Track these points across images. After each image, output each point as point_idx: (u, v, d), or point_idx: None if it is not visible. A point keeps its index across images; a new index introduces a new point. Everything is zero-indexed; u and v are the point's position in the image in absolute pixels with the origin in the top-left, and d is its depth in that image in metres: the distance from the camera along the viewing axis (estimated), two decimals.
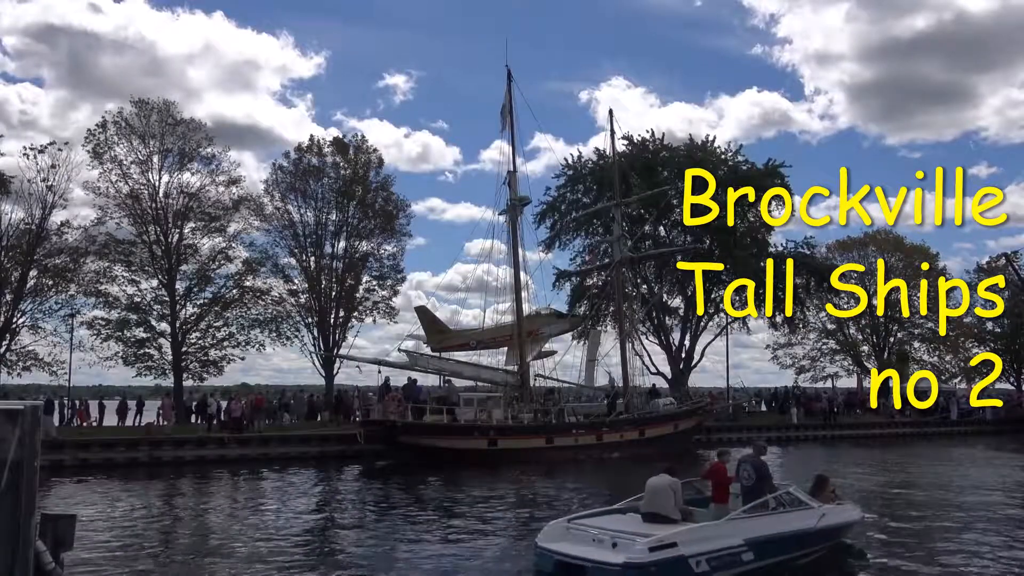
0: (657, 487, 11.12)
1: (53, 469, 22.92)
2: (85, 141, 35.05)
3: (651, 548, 9.83)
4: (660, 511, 10.88)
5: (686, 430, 33.76)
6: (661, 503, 10.95)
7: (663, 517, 10.80)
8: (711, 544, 10.32)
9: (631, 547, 9.86)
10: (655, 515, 10.88)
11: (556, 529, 11.03)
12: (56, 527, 5.51)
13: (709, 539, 10.39)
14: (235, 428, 29.64)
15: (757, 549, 10.66)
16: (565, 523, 11.12)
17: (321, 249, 39.18)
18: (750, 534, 10.72)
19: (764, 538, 10.82)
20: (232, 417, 30.31)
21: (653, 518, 10.85)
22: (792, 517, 11.47)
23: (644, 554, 9.74)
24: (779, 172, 43.76)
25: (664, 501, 10.95)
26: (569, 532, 10.88)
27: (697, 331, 45.14)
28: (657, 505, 10.96)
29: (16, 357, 33.89)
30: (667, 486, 11.10)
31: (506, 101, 31.96)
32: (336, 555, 13.27)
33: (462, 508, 18.20)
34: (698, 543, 10.21)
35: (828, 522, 11.82)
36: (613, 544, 10.10)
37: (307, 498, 20.59)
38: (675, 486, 11.17)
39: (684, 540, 10.15)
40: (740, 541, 10.57)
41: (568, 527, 10.98)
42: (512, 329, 32.85)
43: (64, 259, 34.05)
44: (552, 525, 11.17)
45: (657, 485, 11.15)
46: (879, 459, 30.92)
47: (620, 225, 36.23)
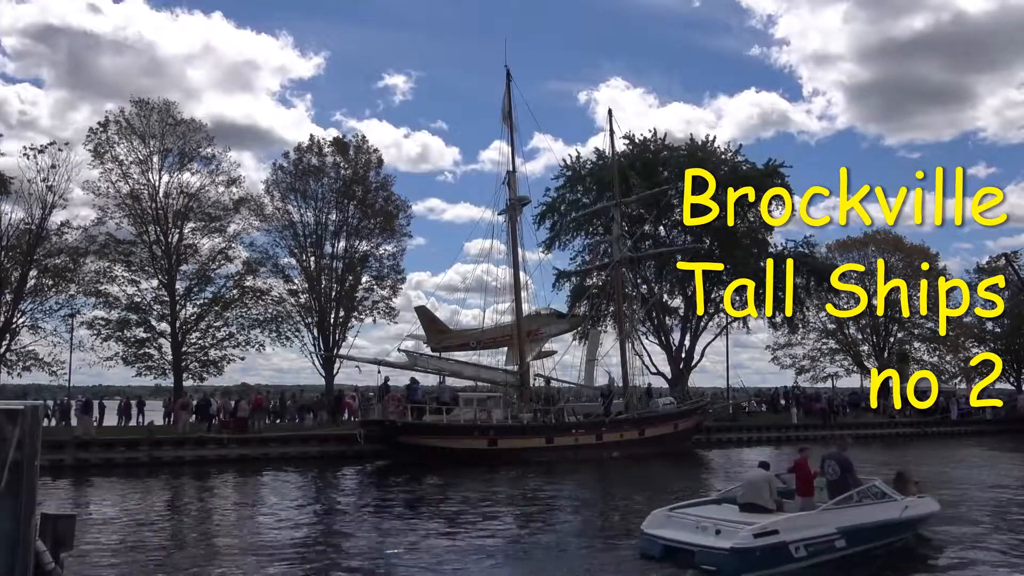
0: (754, 480, 12.13)
1: (53, 469, 22.93)
2: (86, 141, 35.08)
3: (755, 534, 10.73)
4: (757, 502, 11.80)
5: (686, 430, 33.77)
6: (758, 495, 11.88)
7: (760, 507, 11.70)
8: (808, 532, 11.22)
9: (736, 533, 10.75)
10: (752, 505, 11.79)
11: (659, 518, 11.94)
12: (56, 527, 5.50)
13: (806, 527, 11.30)
14: (239, 428, 29.61)
15: (849, 537, 11.56)
16: (667, 512, 12.05)
17: (321, 249, 39.17)
18: (843, 523, 11.64)
19: (855, 527, 11.72)
20: (237, 417, 30.30)
21: (750, 508, 11.77)
22: (879, 508, 12.39)
23: (750, 540, 10.62)
24: (779, 172, 43.74)
25: (761, 493, 11.89)
26: (671, 520, 11.81)
27: (697, 331, 45.13)
28: (754, 496, 11.90)
29: (16, 357, 33.88)
30: (763, 479, 12.08)
31: (505, 101, 32.00)
32: (336, 555, 13.27)
33: (461, 508, 18.20)
34: (797, 530, 11.12)
35: (910, 513, 12.84)
36: (716, 531, 11.02)
37: (307, 498, 20.60)
38: (771, 479, 12.16)
39: (784, 527, 11.06)
40: (834, 529, 11.49)
41: (670, 516, 11.92)
42: (512, 329, 32.85)
43: (64, 259, 34.02)
44: (655, 514, 12.05)
45: (754, 478, 12.17)
46: (881, 460, 30.92)
47: (620, 225, 36.24)
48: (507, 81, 31.94)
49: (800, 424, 41.34)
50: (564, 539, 14.49)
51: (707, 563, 10.65)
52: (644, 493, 19.53)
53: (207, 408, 30.99)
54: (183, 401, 31.84)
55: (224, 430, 29.63)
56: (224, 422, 30.34)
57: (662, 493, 20.72)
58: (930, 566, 12.39)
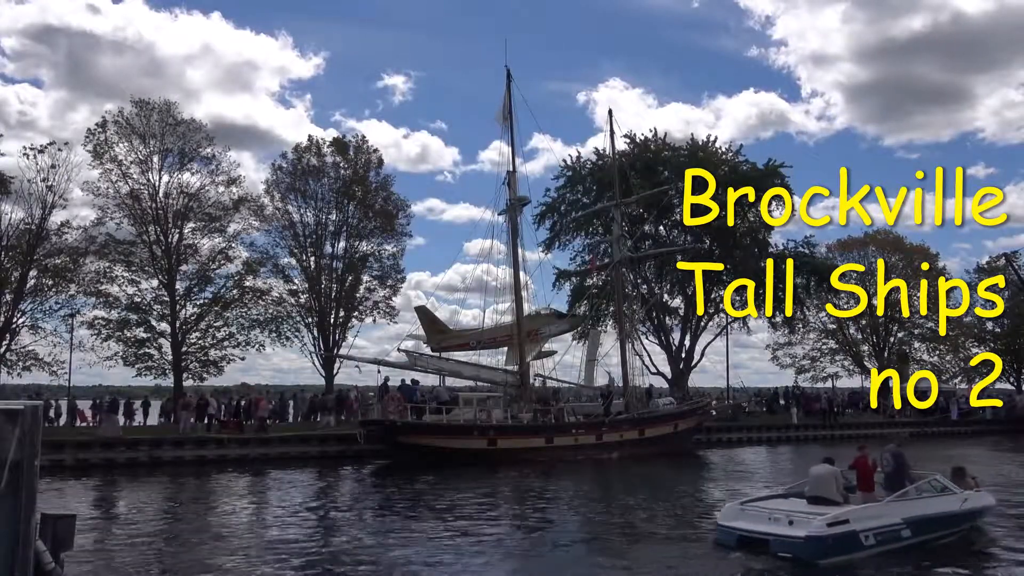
0: (821, 474, 12.79)
1: (53, 469, 22.92)
2: (85, 141, 35.10)
3: (828, 524, 11.54)
4: (824, 495, 12.49)
5: (686, 430, 33.77)
6: (825, 488, 12.58)
7: (827, 500, 12.40)
8: (876, 521, 12.04)
9: (810, 523, 11.59)
10: (820, 498, 12.49)
11: (732, 510, 12.88)
12: (56, 527, 5.50)
13: (874, 517, 12.11)
14: (260, 428, 29.98)
15: (913, 527, 12.37)
16: (739, 505, 13.02)
17: (321, 249, 39.20)
18: (907, 514, 12.44)
19: (919, 518, 12.52)
20: (259, 417, 30.60)
21: (818, 501, 12.46)
22: (941, 501, 13.18)
23: (823, 529, 11.45)
24: (779, 172, 43.77)
25: (828, 486, 12.59)
26: (745, 512, 12.71)
27: (697, 331, 45.15)
28: (821, 489, 12.59)
29: (16, 357, 33.89)
30: (830, 474, 12.77)
31: (505, 101, 31.96)
32: (336, 555, 13.26)
33: (460, 508, 18.19)
34: (866, 520, 11.95)
35: (970, 506, 13.58)
36: (789, 522, 11.89)
37: (307, 498, 20.58)
38: (837, 474, 12.85)
39: (854, 518, 11.92)
40: (899, 520, 12.29)
41: (743, 508, 12.85)
42: (512, 329, 32.84)
43: (64, 259, 34.03)
44: (728, 507, 13.08)
45: (821, 473, 12.82)
46: None
47: (620, 225, 36.23)
48: (507, 81, 31.94)
49: (800, 424, 41.34)
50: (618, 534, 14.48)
51: (783, 551, 11.56)
52: (654, 494, 19.91)
53: (206, 408, 31.04)
54: (184, 401, 31.85)
55: (224, 430, 29.63)
56: (224, 422, 30.35)
57: (664, 493, 20.75)
58: (988, 556, 12.87)
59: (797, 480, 15.17)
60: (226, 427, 29.96)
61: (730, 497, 19.83)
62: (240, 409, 31.07)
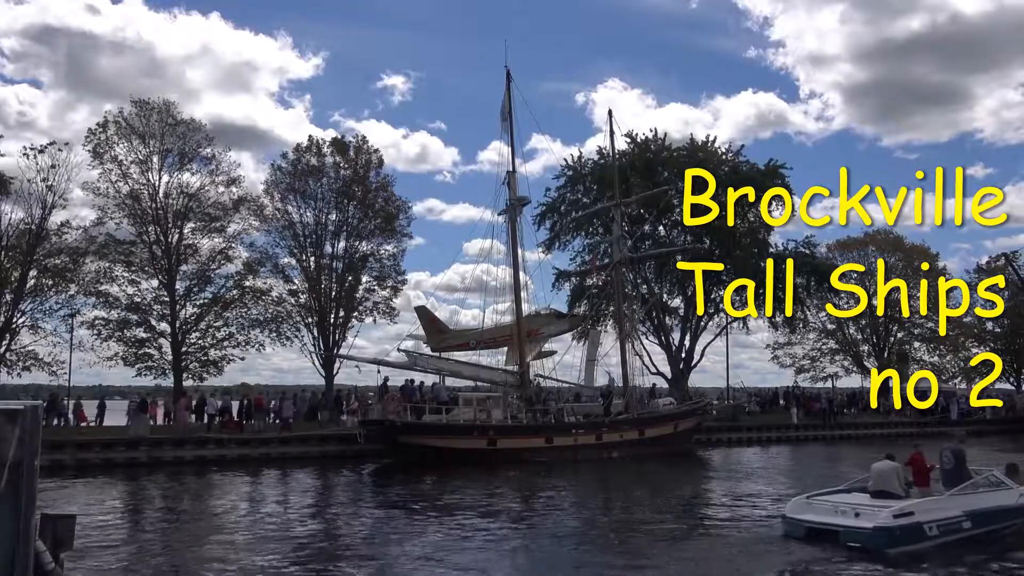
0: (884, 470, 13.58)
1: (53, 469, 22.92)
2: (85, 141, 35.03)
3: (895, 515, 12.34)
4: (887, 489, 13.31)
5: (686, 430, 33.76)
6: (888, 482, 13.38)
7: (889, 494, 13.19)
8: (939, 514, 12.76)
9: (878, 515, 12.40)
10: (883, 492, 13.26)
11: (799, 504, 13.67)
12: (56, 527, 5.51)
13: (937, 510, 12.86)
14: (284, 428, 30.17)
15: (974, 519, 13.04)
16: (805, 499, 13.76)
17: (321, 249, 39.15)
18: (968, 507, 13.12)
19: (979, 511, 13.19)
20: (283, 417, 30.86)
21: (881, 495, 13.23)
22: (998, 495, 13.77)
23: (890, 520, 12.27)
24: (779, 172, 43.78)
25: (891, 481, 13.38)
26: (811, 506, 13.48)
27: (697, 331, 45.14)
28: (884, 484, 13.39)
29: (16, 357, 33.83)
30: (892, 469, 13.58)
31: (505, 101, 31.96)
32: (336, 554, 13.27)
33: (460, 508, 18.20)
34: (929, 512, 12.71)
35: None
36: (856, 514, 12.68)
37: (307, 497, 20.61)
38: (898, 469, 13.62)
39: (919, 510, 12.68)
40: (960, 512, 12.98)
41: (809, 502, 13.60)
42: (512, 329, 32.83)
43: (64, 259, 33.98)
44: (795, 501, 13.86)
45: (884, 468, 13.61)
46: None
47: (620, 225, 36.23)
48: (507, 81, 31.95)
49: (800, 424, 41.35)
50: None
51: (853, 541, 12.31)
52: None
53: (204, 407, 31.09)
54: (185, 401, 31.87)
55: (224, 430, 29.63)
56: (225, 422, 30.36)
57: (665, 493, 20.77)
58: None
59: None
60: (227, 427, 29.96)
61: (732, 495, 19.91)
62: (244, 408, 31.09)
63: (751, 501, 19.03)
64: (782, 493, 19.35)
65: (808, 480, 22.21)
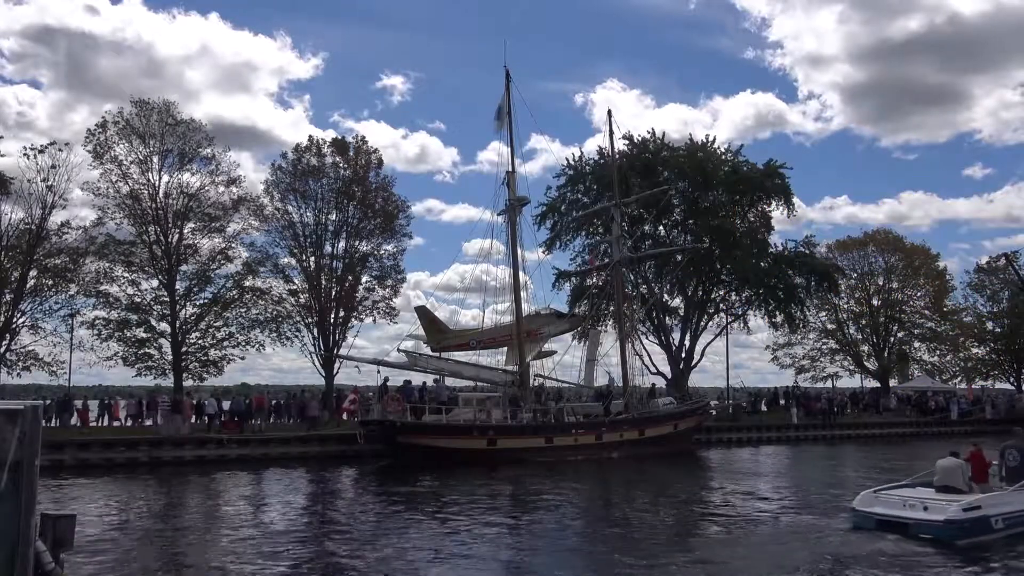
0: (949, 466, 14.15)
1: (53, 469, 22.93)
2: (85, 141, 35.00)
3: (964, 509, 13.04)
4: (952, 484, 13.88)
5: (686, 430, 33.76)
6: (953, 478, 13.97)
7: (954, 489, 13.78)
8: (1005, 507, 13.44)
9: (947, 508, 13.11)
10: (948, 487, 13.84)
11: (867, 498, 14.38)
12: (56, 527, 5.50)
13: (1004, 503, 13.51)
14: (312, 427, 30.27)
15: None
16: (873, 493, 14.51)
17: (321, 249, 39.14)
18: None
19: None
20: (308, 416, 31.03)
21: (946, 489, 13.83)
22: None
23: (959, 513, 12.99)
24: (779, 172, 43.78)
25: (956, 477, 13.96)
26: (879, 499, 14.25)
27: (697, 331, 45.17)
28: (949, 479, 13.99)
29: (16, 357, 33.81)
30: (956, 465, 14.13)
31: (504, 101, 31.95)
32: (335, 554, 13.27)
33: (460, 508, 18.19)
34: (996, 506, 13.39)
35: None
36: (924, 507, 13.43)
37: (306, 498, 20.61)
38: (963, 466, 14.16)
39: (986, 503, 13.36)
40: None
41: (876, 496, 14.37)
42: (512, 329, 32.83)
43: (64, 259, 33.97)
44: (863, 495, 14.53)
45: (949, 465, 14.17)
46: (881, 457, 30.93)
47: (620, 225, 36.22)
48: (507, 81, 31.95)
49: (800, 424, 41.34)
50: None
51: (923, 533, 13.06)
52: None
53: (203, 408, 31.12)
54: (188, 402, 31.89)
55: (224, 430, 29.62)
56: (225, 423, 30.35)
57: (669, 493, 20.77)
58: None
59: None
60: (227, 428, 29.95)
61: (734, 494, 19.95)
62: (247, 408, 31.11)
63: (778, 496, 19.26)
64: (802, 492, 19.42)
65: (814, 480, 22.32)
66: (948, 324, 56.23)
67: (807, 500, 19.36)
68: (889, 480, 16.36)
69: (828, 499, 18.89)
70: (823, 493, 20.38)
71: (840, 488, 20.64)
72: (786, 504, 18.69)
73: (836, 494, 19.37)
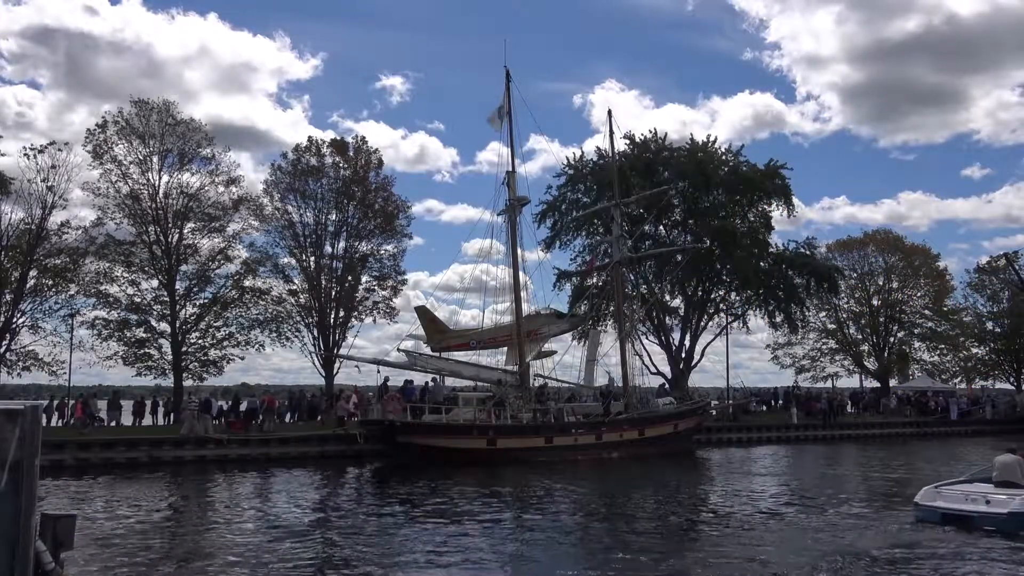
0: (1008, 462, 15.01)
1: (53, 469, 22.92)
2: (85, 141, 35.07)
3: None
4: (1011, 479, 14.72)
5: (686, 430, 33.75)
6: (1012, 474, 14.84)
7: (1013, 484, 14.60)
8: None
9: (1009, 503, 13.88)
10: (1007, 483, 14.67)
11: (929, 493, 15.05)
12: (56, 527, 5.50)
13: None
14: (339, 424, 30.14)
15: None
16: (934, 488, 15.17)
17: (321, 249, 39.19)
18: None
19: None
20: (338, 415, 30.91)
21: (1005, 484, 14.65)
22: None
23: (1022, 506, 13.70)
24: (779, 173, 43.78)
25: (1014, 472, 14.82)
26: (941, 494, 14.91)
27: (697, 331, 45.16)
28: (1008, 475, 14.83)
29: (16, 357, 33.85)
30: (1015, 461, 14.97)
31: (504, 101, 31.91)
32: (335, 554, 13.27)
33: (459, 508, 18.19)
34: None
35: None
36: (986, 501, 14.17)
37: (306, 498, 20.59)
38: (1020, 462, 14.97)
39: None
40: None
41: (938, 491, 15.01)
42: (512, 329, 32.81)
43: (64, 259, 34.00)
44: (925, 490, 15.20)
45: (1008, 461, 15.05)
46: (880, 457, 30.93)
47: (620, 225, 36.21)
48: (506, 81, 31.93)
49: (800, 424, 41.34)
50: None
51: (988, 525, 13.81)
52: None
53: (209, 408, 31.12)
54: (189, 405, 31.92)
55: (229, 430, 29.60)
56: (232, 423, 30.36)
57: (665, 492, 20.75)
58: None
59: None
60: (233, 427, 29.94)
61: (735, 495, 19.95)
62: (256, 408, 31.14)
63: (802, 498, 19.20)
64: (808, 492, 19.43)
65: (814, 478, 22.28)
66: (948, 324, 56.29)
67: (855, 495, 20.02)
68: (938, 476, 17.53)
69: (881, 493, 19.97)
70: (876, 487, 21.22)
71: (901, 485, 21.58)
72: (842, 498, 19.27)
73: (893, 489, 20.53)
